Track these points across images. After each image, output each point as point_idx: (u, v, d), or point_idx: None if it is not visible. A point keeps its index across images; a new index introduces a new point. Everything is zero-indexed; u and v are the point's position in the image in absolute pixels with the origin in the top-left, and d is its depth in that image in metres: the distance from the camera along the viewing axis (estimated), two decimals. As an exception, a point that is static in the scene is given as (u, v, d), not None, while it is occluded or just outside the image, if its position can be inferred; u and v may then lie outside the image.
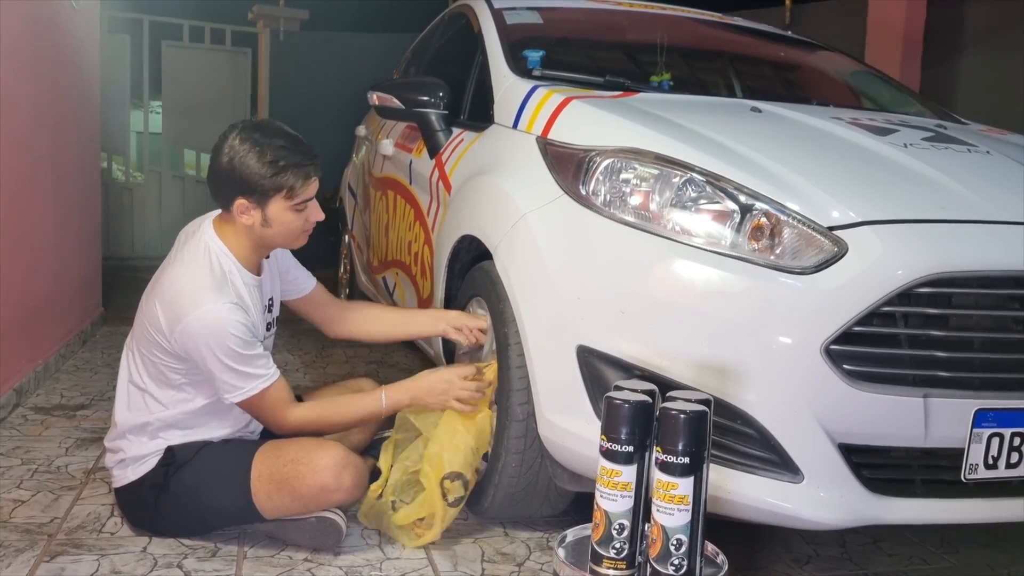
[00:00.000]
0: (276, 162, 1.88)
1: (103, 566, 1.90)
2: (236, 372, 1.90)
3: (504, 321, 2.02)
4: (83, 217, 4.16)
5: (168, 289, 1.93)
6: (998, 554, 2.20)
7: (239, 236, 1.97)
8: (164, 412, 1.99)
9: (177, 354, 1.93)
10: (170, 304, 1.91)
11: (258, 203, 1.91)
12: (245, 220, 1.94)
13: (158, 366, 1.97)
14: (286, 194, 1.91)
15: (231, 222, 1.97)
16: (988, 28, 5.49)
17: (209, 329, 1.86)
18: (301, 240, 2.03)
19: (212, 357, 1.88)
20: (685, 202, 1.81)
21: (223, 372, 1.90)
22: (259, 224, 1.94)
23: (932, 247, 1.67)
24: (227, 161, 1.89)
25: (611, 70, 2.59)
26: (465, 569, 1.96)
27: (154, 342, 1.95)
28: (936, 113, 2.84)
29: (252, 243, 1.99)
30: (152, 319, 1.94)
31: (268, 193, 1.90)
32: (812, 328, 1.63)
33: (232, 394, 1.93)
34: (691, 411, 1.42)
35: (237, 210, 1.92)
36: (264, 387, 1.94)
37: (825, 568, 2.08)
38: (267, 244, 2.01)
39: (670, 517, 1.42)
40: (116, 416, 2.05)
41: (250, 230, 1.96)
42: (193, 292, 1.89)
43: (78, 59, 4.05)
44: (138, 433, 2.01)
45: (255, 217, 1.93)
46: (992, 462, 1.70)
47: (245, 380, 1.92)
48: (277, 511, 1.98)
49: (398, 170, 3.23)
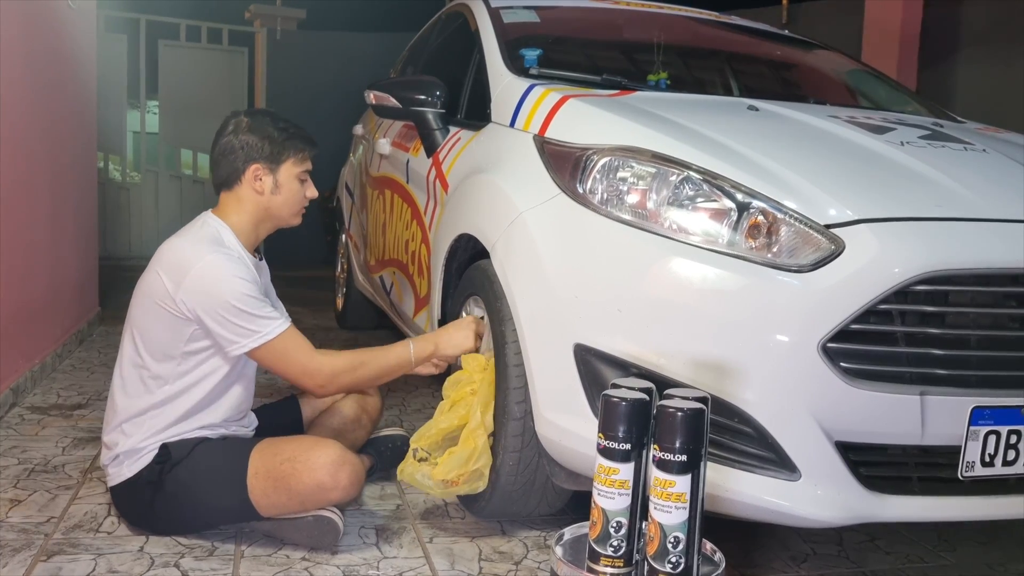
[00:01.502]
0: (287, 128, 2.08)
1: (100, 565, 1.89)
2: (248, 315, 1.92)
3: (501, 320, 2.02)
4: (80, 217, 4.15)
5: (170, 256, 1.99)
6: (995, 552, 2.20)
7: (241, 212, 2.06)
8: (162, 390, 1.99)
9: (184, 316, 1.94)
10: (174, 266, 1.96)
11: (271, 167, 2.05)
12: (256, 187, 2.05)
13: (159, 340, 1.97)
14: (297, 158, 2.08)
15: (234, 200, 2.07)
16: (985, 28, 5.50)
17: (214, 275, 1.93)
18: (297, 218, 2.15)
19: (221, 303, 1.91)
20: (682, 200, 1.81)
21: (235, 316, 1.92)
22: (270, 190, 2.06)
23: (929, 245, 1.67)
24: (238, 133, 2.05)
25: (608, 69, 2.59)
26: (462, 568, 1.96)
27: (157, 313, 1.96)
28: (933, 112, 2.85)
29: (254, 218, 2.08)
30: (155, 289, 1.97)
31: (282, 155, 2.05)
32: (809, 326, 1.63)
33: (248, 340, 1.93)
34: (688, 409, 1.42)
35: (250, 177, 2.04)
36: (280, 330, 1.96)
37: (822, 566, 2.08)
38: (271, 216, 2.10)
39: (667, 515, 1.42)
40: (114, 403, 2.05)
41: (257, 201, 2.06)
42: (195, 250, 1.97)
43: (75, 59, 4.04)
44: (134, 423, 2.00)
45: (267, 183, 2.05)
46: (989, 460, 1.69)
47: (259, 323, 1.94)
48: (273, 508, 1.98)
49: (395, 169, 3.22)
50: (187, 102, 7.51)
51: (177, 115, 7.55)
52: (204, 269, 1.93)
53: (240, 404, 2.13)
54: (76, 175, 4.08)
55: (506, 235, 2.04)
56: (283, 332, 1.97)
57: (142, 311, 2.01)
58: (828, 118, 2.19)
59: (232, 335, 1.94)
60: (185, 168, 7.95)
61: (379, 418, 2.48)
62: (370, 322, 4.46)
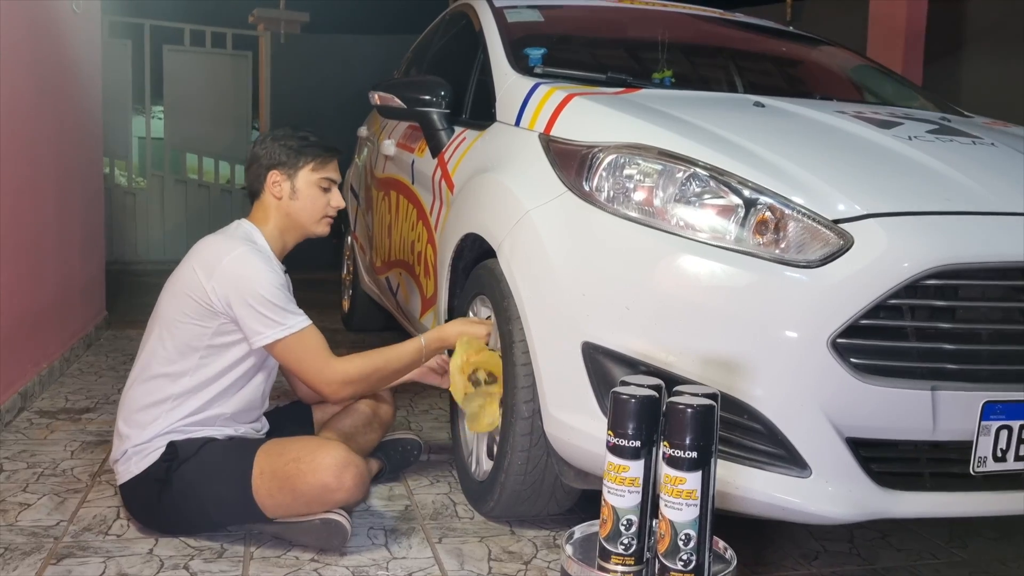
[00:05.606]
0: (305, 139, 2.18)
1: (109, 568, 1.89)
2: (275, 306, 1.99)
3: (508, 319, 2.02)
4: (86, 222, 4.16)
5: (204, 250, 2.08)
6: (1007, 547, 2.19)
7: (268, 219, 2.16)
8: (181, 382, 2.02)
9: (214, 307, 1.99)
10: (207, 258, 2.04)
11: (288, 172, 2.15)
12: (275, 192, 2.15)
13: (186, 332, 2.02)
14: (313, 166, 2.16)
15: (261, 208, 2.17)
16: (990, 23, 5.49)
17: (245, 266, 2.01)
18: (322, 226, 2.22)
19: (251, 291, 1.98)
20: (689, 197, 1.80)
21: (263, 306, 1.98)
22: (288, 196, 2.15)
23: (938, 239, 1.66)
24: (263, 146, 2.18)
25: (613, 67, 2.59)
26: (472, 568, 1.96)
27: (188, 306, 2.01)
28: (939, 106, 2.83)
29: (279, 225, 2.16)
30: (188, 281, 2.03)
31: (297, 162, 2.15)
32: (818, 322, 1.62)
33: (272, 330, 1.99)
34: (698, 405, 1.41)
35: (270, 183, 2.15)
36: (302, 327, 2.02)
37: (834, 563, 2.07)
38: (293, 223, 2.17)
39: (678, 512, 1.42)
40: (132, 393, 2.06)
41: (279, 207, 2.15)
42: (228, 244, 2.06)
43: (79, 64, 4.05)
44: (147, 415, 2.02)
45: (285, 189, 2.15)
46: (1001, 455, 1.68)
47: (284, 316, 2.01)
48: (278, 509, 1.98)
49: (400, 170, 3.22)
50: (192, 106, 7.52)
51: (182, 120, 7.56)
52: (236, 258, 2.01)
53: (252, 403, 2.14)
54: (82, 180, 4.09)
55: (512, 234, 2.03)
56: (306, 328, 2.04)
57: (172, 305, 2.05)
58: (835, 113, 2.18)
59: (258, 324, 1.99)
60: (191, 172, 7.95)
61: (391, 422, 2.47)
62: (377, 324, 4.46)
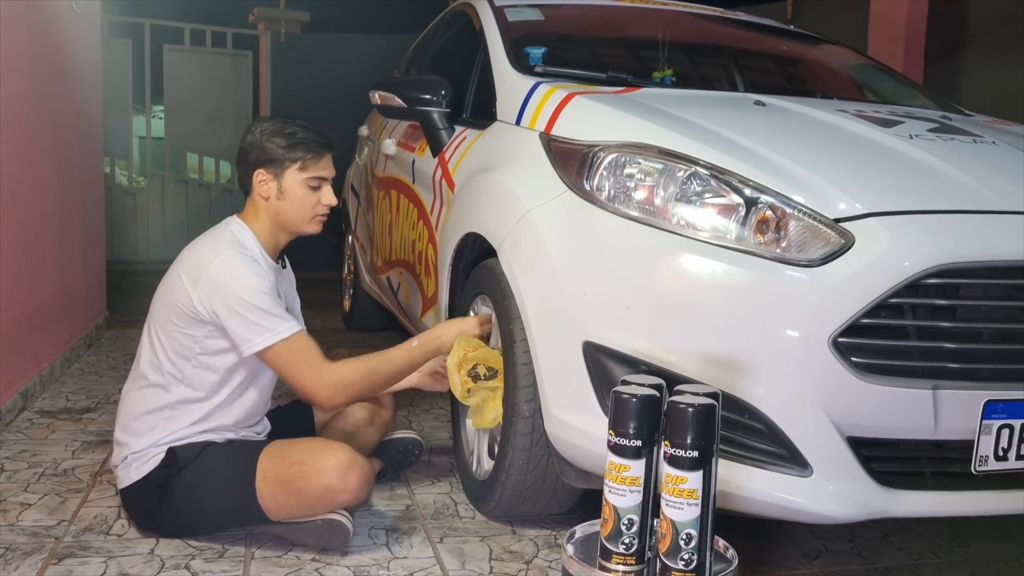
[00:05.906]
0: (293, 135, 2.07)
1: (111, 568, 1.89)
2: (261, 311, 1.94)
3: (509, 318, 2.02)
4: (87, 221, 4.16)
5: (190, 257, 2.04)
6: (1009, 547, 2.19)
7: (258, 217, 2.09)
8: (177, 390, 2.00)
9: (200, 316, 1.96)
10: (193, 265, 2.00)
11: (274, 173, 2.06)
12: (263, 192, 2.07)
13: (176, 341, 1.99)
14: (300, 165, 2.06)
15: (252, 206, 2.10)
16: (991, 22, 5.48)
17: (230, 272, 1.96)
18: (314, 225, 2.13)
19: (235, 298, 1.94)
20: (690, 196, 1.80)
21: (249, 312, 1.93)
22: (275, 196, 2.07)
23: (939, 238, 1.65)
24: (250, 139, 2.09)
25: (613, 66, 2.59)
26: (473, 567, 1.96)
27: (178, 311, 1.98)
28: (941, 105, 2.83)
29: (270, 223, 2.09)
30: (175, 290, 2.00)
31: (284, 162, 2.06)
32: (819, 321, 1.62)
33: (260, 338, 1.94)
34: (699, 404, 1.41)
35: (256, 182, 2.07)
36: (291, 332, 1.96)
37: (835, 562, 2.07)
38: (283, 223, 2.10)
39: (679, 511, 1.42)
40: (129, 400, 2.06)
41: (267, 206, 2.08)
42: (213, 250, 2.01)
43: (79, 63, 4.05)
44: (146, 422, 2.01)
45: (271, 189, 2.07)
46: (1002, 454, 1.68)
47: (272, 321, 1.95)
48: (283, 512, 1.97)
49: (401, 169, 3.22)
50: (192, 106, 7.51)
51: (182, 119, 7.55)
52: (220, 265, 1.96)
53: (254, 410, 2.13)
54: (83, 180, 4.09)
55: (513, 233, 2.03)
56: (296, 334, 1.98)
57: (162, 313, 2.03)
58: (836, 112, 2.18)
59: (246, 332, 1.94)
60: (191, 172, 7.95)
61: (392, 422, 2.47)
62: (377, 323, 4.46)
